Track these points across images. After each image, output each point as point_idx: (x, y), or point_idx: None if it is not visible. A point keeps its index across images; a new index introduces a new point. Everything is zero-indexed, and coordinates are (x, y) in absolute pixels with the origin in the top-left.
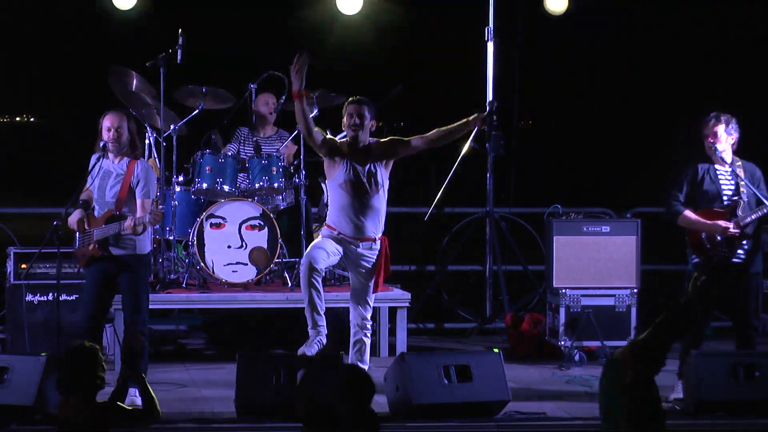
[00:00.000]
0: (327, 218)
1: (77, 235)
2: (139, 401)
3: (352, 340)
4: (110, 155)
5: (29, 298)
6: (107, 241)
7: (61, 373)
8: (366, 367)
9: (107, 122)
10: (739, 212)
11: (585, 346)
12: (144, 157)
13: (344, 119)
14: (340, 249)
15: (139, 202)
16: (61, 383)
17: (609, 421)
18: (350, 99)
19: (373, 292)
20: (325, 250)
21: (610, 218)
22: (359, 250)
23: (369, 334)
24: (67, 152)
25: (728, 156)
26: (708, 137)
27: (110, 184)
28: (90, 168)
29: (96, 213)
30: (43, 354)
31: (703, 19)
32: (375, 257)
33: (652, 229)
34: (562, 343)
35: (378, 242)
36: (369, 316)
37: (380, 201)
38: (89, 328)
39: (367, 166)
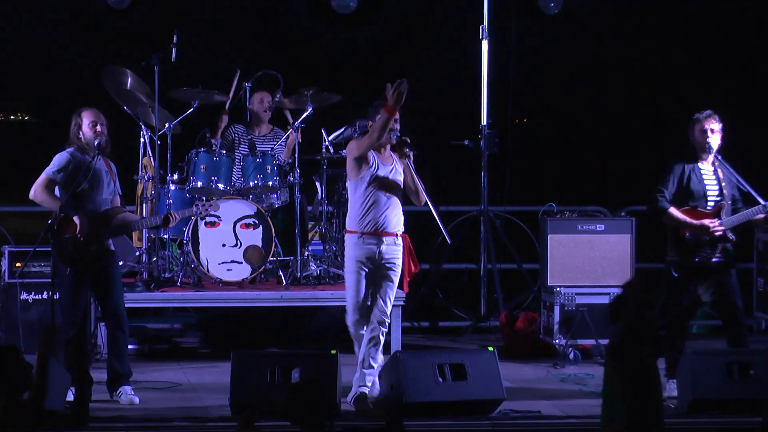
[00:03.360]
0: (349, 223)
1: (69, 237)
2: (136, 400)
3: (367, 336)
4: (84, 153)
5: (24, 296)
6: (105, 236)
7: None
8: (377, 365)
9: (92, 118)
10: (723, 214)
11: (579, 344)
12: (141, 156)
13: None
14: (366, 263)
15: (118, 198)
16: None
17: (609, 413)
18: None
19: (396, 289)
20: (363, 295)
21: (604, 216)
22: (383, 246)
23: (385, 332)
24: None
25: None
26: (704, 132)
27: (105, 183)
28: (84, 168)
29: (89, 213)
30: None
31: (699, 18)
32: (398, 253)
33: (646, 228)
34: (557, 341)
35: (400, 238)
36: (389, 312)
37: (400, 198)
38: (81, 328)
39: (392, 166)
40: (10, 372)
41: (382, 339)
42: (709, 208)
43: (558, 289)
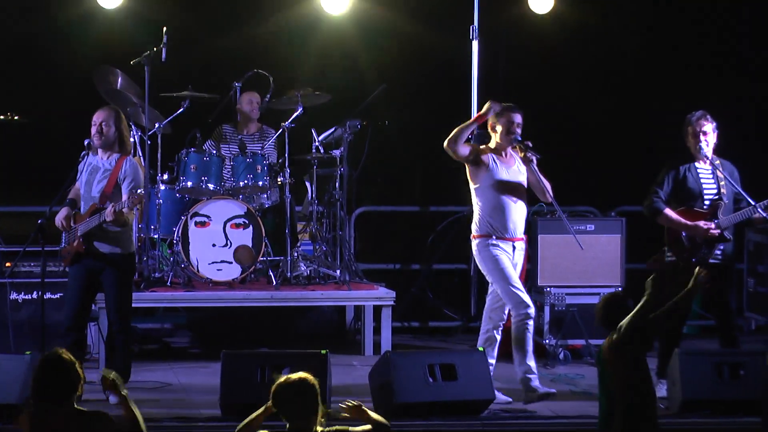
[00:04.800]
0: (477, 228)
1: (63, 234)
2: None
3: (482, 338)
4: (99, 151)
5: (14, 296)
6: (91, 236)
7: (40, 380)
8: (493, 362)
9: (94, 118)
10: (720, 214)
11: (570, 344)
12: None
13: (500, 126)
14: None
15: (120, 197)
16: (43, 390)
17: (605, 414)
18: (510, 105)
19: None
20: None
21: (594, 217)
22: (516, 252)
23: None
24: (52, 151)
25: (710, 154)
26: (696, 134)
27: (97, 179)
28: (86, 166)
29: (82, 210)
30: (28, 353)
31: (692, 16)
32: (523, 255)
33: (636, 228)
34: (547, 341)
35: (523, 242)
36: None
37: (525, 200)
38: (73, 327)
39: (514, 167)
40: (57, 378)
41: (498, 337)
42: (705, 207)
43: (548, 289)
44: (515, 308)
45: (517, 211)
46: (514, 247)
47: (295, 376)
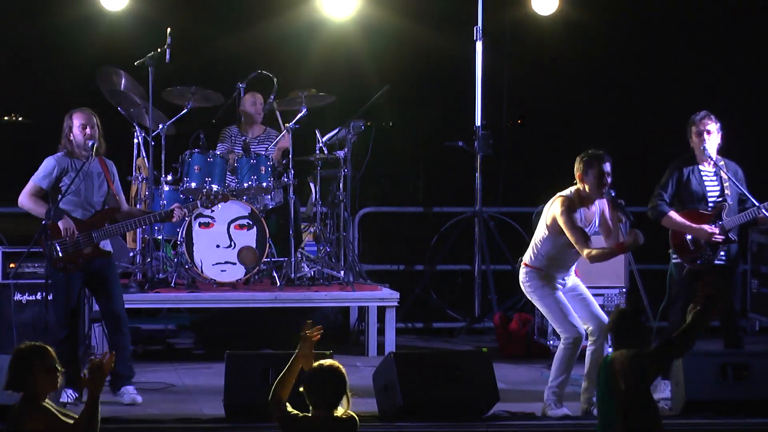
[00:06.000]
0: (533, 260)
1: (56, 241)
2: (139, 399)
3: (592, 352)
4: (78, 154)
5: (17, 297)
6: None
7: (8, 374)
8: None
9: (81, 120)
10: (724, 215)
11: None
12: (134, 157)
13: (591, 176)
14: (558, 284)
15: (120, 197)
16: (8, 384)
17: (605, 419)
18: (599, 154)
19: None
20: (569, 308)
21: None
22: (567, 278)
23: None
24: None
25: (714, 155)
26: (700, 134)
27: (97, 184)
28: (76, 171)
29: (80, 215)
30: None
31: (695, 17)
32: (576, 278)
33: (640, 228)
34: (551, 342)
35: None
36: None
37: None
38: (72, 329)
39: (592, 222)
40: (36, 372)
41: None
42: (709, 209)
43: None
44: (566, 332)
45: (578, 258)
46: (567, 275)
47: (327, 362)
